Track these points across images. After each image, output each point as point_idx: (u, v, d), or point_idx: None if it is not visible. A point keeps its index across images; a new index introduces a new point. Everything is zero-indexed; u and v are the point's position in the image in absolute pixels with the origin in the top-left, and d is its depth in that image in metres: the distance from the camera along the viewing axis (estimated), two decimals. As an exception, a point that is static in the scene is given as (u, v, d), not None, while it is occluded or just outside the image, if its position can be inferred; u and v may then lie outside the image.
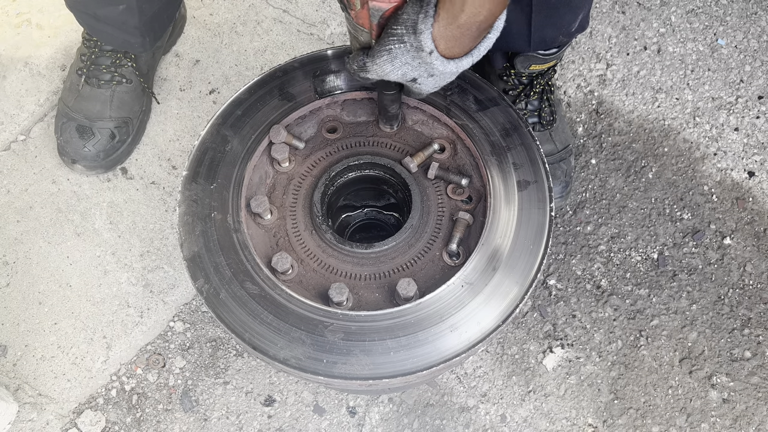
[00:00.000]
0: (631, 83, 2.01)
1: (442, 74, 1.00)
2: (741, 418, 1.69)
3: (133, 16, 1.64)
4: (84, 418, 1.66)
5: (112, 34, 1.72)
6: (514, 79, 1.78)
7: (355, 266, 1.20)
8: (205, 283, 1.12)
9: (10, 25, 2.01)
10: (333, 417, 1.68)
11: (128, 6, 1.61)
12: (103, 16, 1.65)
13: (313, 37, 2.03)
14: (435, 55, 0.95)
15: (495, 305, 1.10)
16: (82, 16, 1.69)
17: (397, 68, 0.99)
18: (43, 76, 1.95)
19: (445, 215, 1.23)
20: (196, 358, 1.72)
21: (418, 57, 0.96)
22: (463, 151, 1.27)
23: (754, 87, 2.01)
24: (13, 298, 1.75)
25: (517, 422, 1.68)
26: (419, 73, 1.00)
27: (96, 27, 1.72)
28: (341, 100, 1.31)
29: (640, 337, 1.75)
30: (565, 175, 1.82)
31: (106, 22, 1.67)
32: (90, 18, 1.68)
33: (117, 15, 1.63)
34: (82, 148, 1.79)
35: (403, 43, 0.95)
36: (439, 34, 0.93)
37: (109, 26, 1.68)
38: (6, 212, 1.83)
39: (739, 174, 1.91)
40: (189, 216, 1.17)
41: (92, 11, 1.65)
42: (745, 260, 1.83)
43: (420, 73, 0.99)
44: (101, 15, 1.65)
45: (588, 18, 1.58)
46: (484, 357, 1.73)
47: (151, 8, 1.68)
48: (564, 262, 1.82)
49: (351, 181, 1.31)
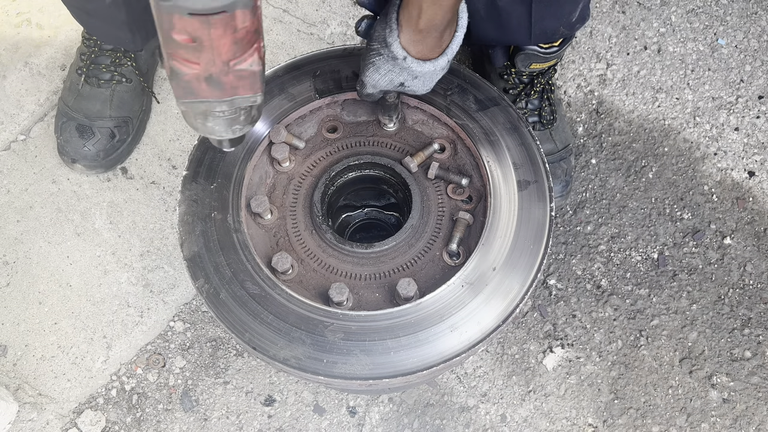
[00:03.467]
0: (631, 83, 2.01)
1: (424, 75, 1.12)
2: (741, 418, 1.69)
3: (120, 11, 1.63)
4: (84, 418, 1.66)
5: (101, 28, 1.72)
6: (514, 78, 1.78)
7: (355, 266, 1.20)
8: (205, 283, 1.12)
9: (10, 25, 2.01)
10: (333, 417, 1.68)
11: (114, 0, 1.61)
12: (92, 10, 1.65)
13: (313, 36, 2.03)
14: (410, 60, 1.08)
15: (495, 305, 1.10)
16: (74, 10, 1.70)
17: (383, 76, 1.13)
18: (43, 75, 1.95)
19: (446, 215, 1.23)
20: (196, 358, 1.72)
21: (396, 64, 1.10)
22: (463, 151, 1.27)
23: (754, 87, 2.01)
24: (13, 298, 1.75)
25: (517, 422, 1.68)
26: (404, 78, 1.12)
27: (88, 21, 1.72)
28: (341, 100, 1.31)
29: (640, 337, 1.75)
30: (565, 174, 1.82)
31: (96, 16, 1.67)
32: (82, 12, 1.69)
33: (104, 9, 1.62)
34: (82, 147, 1.78)
35: (381, 55, 1.10)
36: (406, 42, 1.07)
37: (98, 21, 1.68)
38: (6, 212, 1.83)
39: (740, 174, 1.91)
40: (189, 216, 1.17)
41: (82, 5, 1.65)
42: (746, 260, 1.83)
43: (405, 77, 1.12)
44: (90, 9, 1.65)
45: (588, 8, 1.58)
46: (484, 357, 1.73)
47: (139, 3, 1.67)
48: (564, 262, 1.82)
49: (351, 180, 1.31)
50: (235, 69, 0.83)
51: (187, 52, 0.80)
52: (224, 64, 0.82)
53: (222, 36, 0.78)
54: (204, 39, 0.77)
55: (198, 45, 0.78)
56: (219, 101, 0.87)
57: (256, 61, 0.84)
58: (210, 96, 0.86)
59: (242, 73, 0.84)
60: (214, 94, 0.86)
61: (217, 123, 0.93)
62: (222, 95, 0.86)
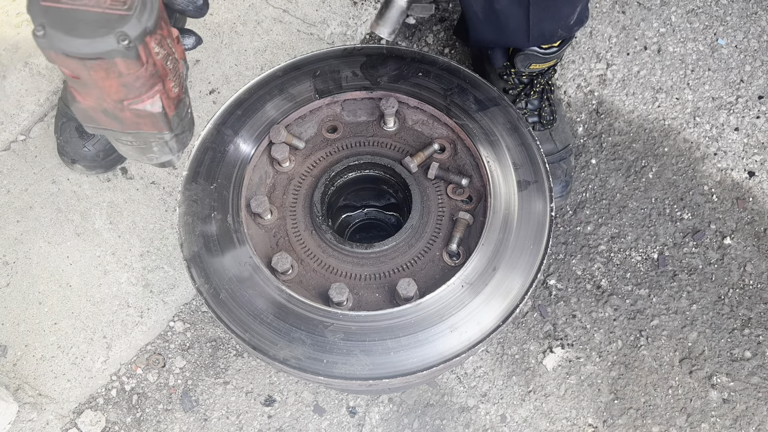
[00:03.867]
0: (631, 83, 2.01)
1: None
2: (741, 418, 1.69)
3: None
4: (84, 418, 1.66)
5: None
6: (514, 79, 1.78)
7: (355, 266, 1.20)
8: (205, 282, 1.12)
9: (10, 25, 2.01)
10: (333, 417, 1.68)
11: None
12: None
13: (313, 36, 2.03)
14: None
15: (495, 305, 1.10)
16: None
17: None
18: (43, 76, 1.95)
19: (445, 215, 1.23)
20: (196, 358, 1.72)
21: None
22: (463, 151, 1.27)
23: (754, 87, 2.01)
24: (13, 298, 1.75)
25: (517, 422, 1.68)
26: None
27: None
28: (341, 100, 1.31)
29: (640, 337, 1.75)
30: (565, 174, 1.82)
31: None
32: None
33: None
34: (82, 147, 1.78)
35: None
36: None
37: None
38: (6, 212, 1.83)
39: (740, 174, 1.91)
40: (189, 216, 1.17)
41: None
42: (746, 260, 1.83)
43: None
44: None
45: (586, 11, 1.58)
46: (484, 357, 1.73)
47: None
48: (564, 262, 1.82)
49: (351, 181, 1.31)
50: (131, 108, 0.78)
51: (77, 85, 0.76)
52: (117, 102, 0.78)
53: (105, 78, 0.74)
54: (86, 78, 0.74)
55: (83, 82, 0.75)
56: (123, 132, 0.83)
57: (156, 103, 0.79)
58: (110, 126, 0.82)
59: (140, 113, 0.79)
60: (114, 125, 0.82)
61: (128, 150, 0.89)
62: (123, 128, 0.82)
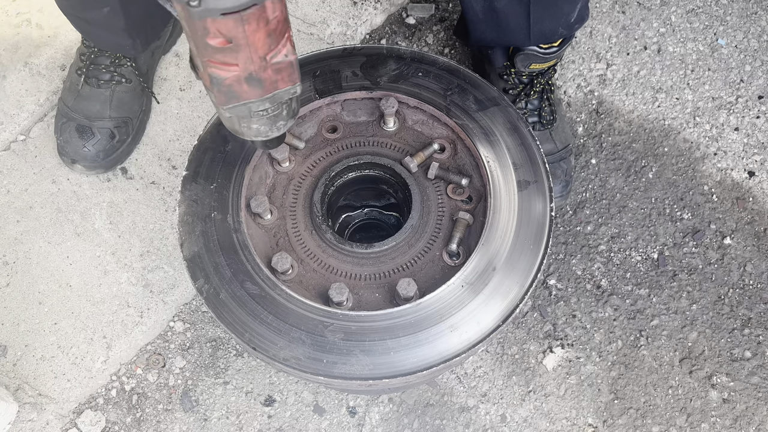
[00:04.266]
0: (631, 83, 2.01)
1: None
2: (741, 418, 1.69)
3: (118, 19, 1.64)
4: (84, 418, 1.66)
5: (101, 36, 1.72)
6: (514, 79, 1.78)
7: (355, 266, 1.20)
8: (205, 283, 1.12)
9: (10, 25, 2.01)
10: (333, 417, 1.68)
11: (112, 8, 1.61)
12: (91, 18, 1.65)
13: (313, 36, 2.03)
14: None
15: (495, 305, 1.10)
16: (73, 18, 1.70)
17: None
18: (43, 76, 1.95)
19: (445, 215, 1.23)
20: (196, 358, 1.72)
21: None
22: (463, 151, 1.27)
23: (754, 87, 2.01)
24: (13, 298, 1.75)
25: (517, 422, 1.68)
26: None
27: (87, 30, 1.72)
28: (341, 100, 1.31)
29: (640, 337, 1.75)
30: (565, 174, 1.82)
31: (95, 24, 1.67)
32: (81, 21, 1.69)
33: (102, 18, 1.63)
34: (82, 148, 1.78)
35: None
36: None
37: (98, 29, 1.69)
38: (6, 212, 1.82)
39: (739, 174, 1.91)
40: (189, 216, 1.17)
41: (80, 14, 1.66)
42: (746, 260, 1.83)
43: None
44: (89, 18, 1.65)
45: (587, 9, 1.58)
46: (484, 357, 1.73)
47: (138, 9, 1.67)
48: (564, 262, 1.82)
49: (351, 181, 1.31)
50: (272, 63, 0.83)
51: (225, 55, 0.80)
52: (261, 60, 0.82)
53: (256, 30, 0.77)
54: (239, 37, 0.77)
55: (234, 45, 0.78)
56: (261, 100, 0.88)
57: (290, 50, 0.84)
58: (252, 96, 0.87)
59: (279, 66, 0.84)
60: (255, 93, 0.86)
61: (262, 123, 0.93)
62: (263, 93, 0.87)
